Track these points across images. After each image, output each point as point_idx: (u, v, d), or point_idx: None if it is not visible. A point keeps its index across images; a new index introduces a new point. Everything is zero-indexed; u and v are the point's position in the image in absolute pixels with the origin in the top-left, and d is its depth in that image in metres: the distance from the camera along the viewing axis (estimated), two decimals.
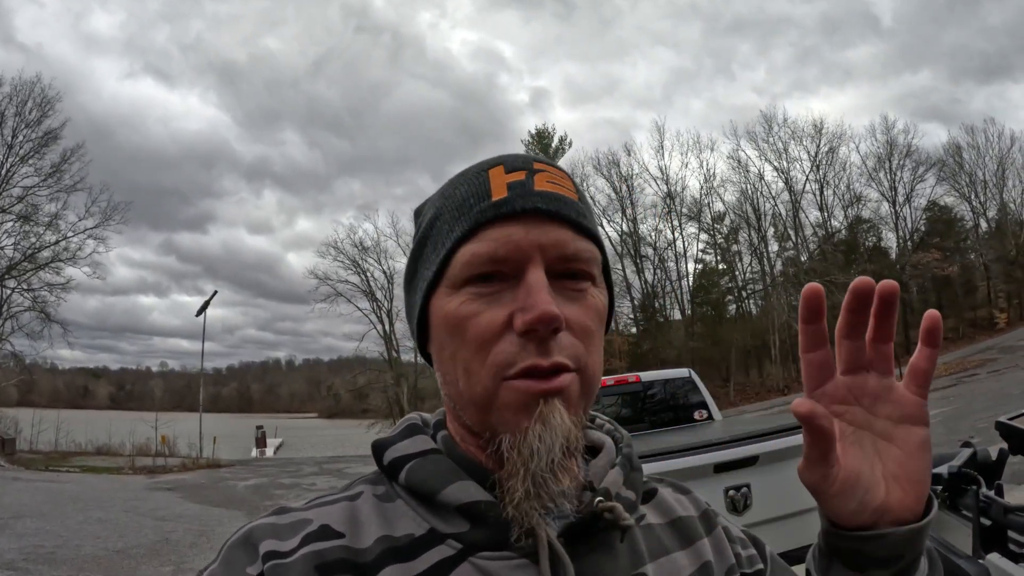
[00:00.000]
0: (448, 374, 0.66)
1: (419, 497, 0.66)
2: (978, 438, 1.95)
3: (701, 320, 48.17)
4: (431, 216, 0.69)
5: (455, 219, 0.65)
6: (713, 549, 0.76)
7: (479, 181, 0.66)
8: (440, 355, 0.67)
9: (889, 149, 45.60)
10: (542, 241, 0.62)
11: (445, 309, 0.64)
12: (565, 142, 49.95)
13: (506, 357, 0.60)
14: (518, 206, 0.63)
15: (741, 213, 47.39)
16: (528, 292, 0.60)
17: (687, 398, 6.42)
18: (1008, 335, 39.30)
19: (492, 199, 0.64)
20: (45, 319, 34.49)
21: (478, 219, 0.63)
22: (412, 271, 0.72)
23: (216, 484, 18.98)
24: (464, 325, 0.62)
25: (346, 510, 0.66)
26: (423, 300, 0.68)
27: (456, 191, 0.67)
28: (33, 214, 34.40)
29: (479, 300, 0.62)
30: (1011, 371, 23.58)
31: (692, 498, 0.82)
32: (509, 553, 0.62)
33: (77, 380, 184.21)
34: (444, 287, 0.65)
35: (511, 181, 0.64)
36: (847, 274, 42.34)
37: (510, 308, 0.61)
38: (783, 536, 3.67)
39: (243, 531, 0.64)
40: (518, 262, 0.62)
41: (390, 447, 0.70)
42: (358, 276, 46.18)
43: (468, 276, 0.63)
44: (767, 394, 41.16)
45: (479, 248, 0.62)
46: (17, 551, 9.06)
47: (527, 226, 0.63)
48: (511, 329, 0.61)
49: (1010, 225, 46.66)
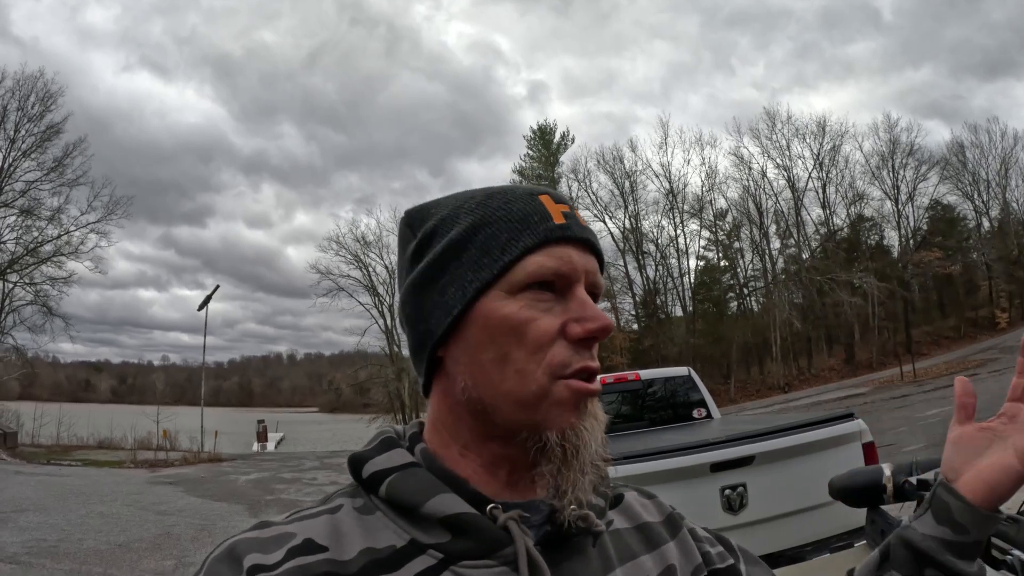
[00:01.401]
0: (489, 374, 0.68)
1: (400, 510, 0.68)
2: None
3: (702, 317, 48.14)
4: (472, 222, 0.71)
5: (518, 231, 0.69)
6: (679, 551, 0.81)
7: (536, 203, 0.72)
8: (479, 356, 0.69)
9: (892, 147, 45.60)
10: (588, 266, 0.71)
11: (503, 311, 0.68)
12: (567, 138, 49.95)
13: (563, 359, 0.67)
14: (577, 233, 0.71)
15: (743, 210, 47.42)
16: (583, 306, 0.69)
17: (686, 396, 6.44)
18: (1009, 335, 39.24)
19: (555, 221, 0.70)
20: (47, 313, 34.61)
21: (547, 235, 0.69)
22: (440, 271, 0.71)
23: (217, 478, 19.06)
24: (524, 328, 0.67)
25: (328, 523, 0.68)
26: (470, 300, 0.69)
27: (511, 207, 0.71)
28: (35, 208, 34.49)
29: (536, 307, 0.68)
30: (1012, 371, 22.92)
31: (656, 503, 0.87)
32: (489, 562, 0.65)
33: (79, 374, 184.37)
34: (500, 290, 0.68)
35: (564, 211, 0.72)
36: (849, 272, 42.36)
37: (562, 318, 0.68)
38: (778, 535, 3.71)
39: (226, 545, 0.65)
40: (571, 280, 0.69)
41: (368, 461, 0.72)
42: (360, 271, 46.29)
43: (529, 283, 0.68)
44: (767, 392, 41.20)
45: (546, 261, 0.68)
46: (20, 545, 9.11)
47: (579, 251, 0.71)
48: (562, 337, 0.67)
49: (1013, 225, 46.61)
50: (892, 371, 34.51)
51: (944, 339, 43.63)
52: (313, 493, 15.02)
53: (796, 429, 3.90)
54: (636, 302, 48.12)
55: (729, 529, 3.63)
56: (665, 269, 48.41)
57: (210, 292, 38.17)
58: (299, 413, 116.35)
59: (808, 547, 3.66)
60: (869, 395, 27.35)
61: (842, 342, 46.07)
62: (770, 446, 3.78)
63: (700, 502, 3.63)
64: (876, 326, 43.31)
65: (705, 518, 3.59)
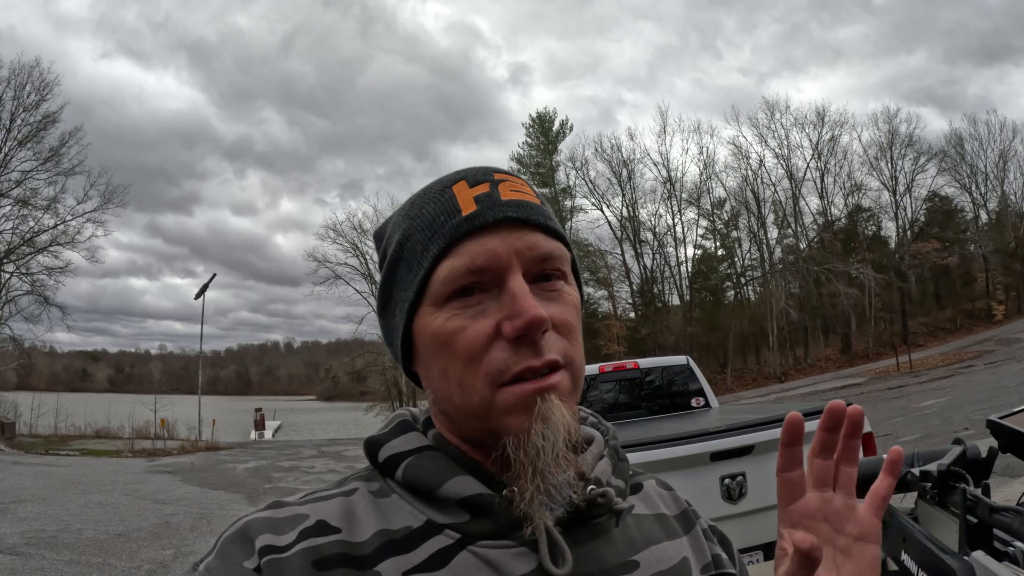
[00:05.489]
0: (440, 390, 0.68)
1: (417, 492, 0.67)
2: (972, 429, 1.99)
3: (699, 306, 48.22)
4: (399, 238, 0.70)
5: (428, 238, 0.66)
6: (691, 547, 0.78)
7: (445, 198, 0.68)
8: (429, 373, 0.69)
9: (891, 138, 45.68)
10: (517, 246, 0.65)
11: (431, 327, 0.66)
12: (566, 126, 49.85)
13: (499, 364, 0.63)
14: (489, 217, 0.65)
15: (741, 199, 47.42)
16: (513, 299, 0.63)
17: (685, 385, 6.45)
18: (1006, 327, 39.43)
19: (463, 214, 0.65)
20: (43, 303, 34.54)
21: (452, 235, 0.65)
22: (387, 295, 0.72)
23: (215, 467, 19.07)
24: (452, 340, 0.64)
25: (342, 505, 0.67)
26: (407, 321, 0.69)
27: (423, 211, 0.68)
28: (31, 198, 34.34)
29: (463, 314, 0.64)
30: (1008, 363, 23.68)
31: (673, 496, 0.86)
32: (508, 542, 0.64)
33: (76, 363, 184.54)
34: (427, 306, 0.66)
35: (477, 194, 0.67)
36: (846, 263, 42.42)
37: (496, 317, 0.63)
38: (775, 525, 3.73)
39: (239, 524, 0.65)
40: (498, 271, 0.64)
41: (384, 444, 0.72)
42: (357, 259, 46.23)
43: (450, 291, 0.65)
44: (764, 381, 41.32)
45: (457, 262, 0.64)
46: (19, 535, 9.12)
47: (501, 235, 0.65)
48: (499, 337, 0.63)
49: (1010, 217, 46.81)
50: (888, 361, 34.65)
51: (940, 330, 43.78)
52: (311, 481, 15.05)
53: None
54: (633, 290, 48.20)
55: (728, 518, 3.65)
56: (662, 258, 48.51)
57: (207, 281, 38.05)
58: (296, 401, 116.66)
59: None
60: (865, 385, 27.42)
61: (839, 332, 46.22)
62: (769, 435, 3.80)
63: (700, 491, 3.64)
64: (873, 316, 43.45)
65: (705, 507, 3.60)
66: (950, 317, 45.52)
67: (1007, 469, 6.80)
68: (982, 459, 1.79)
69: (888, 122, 45.97)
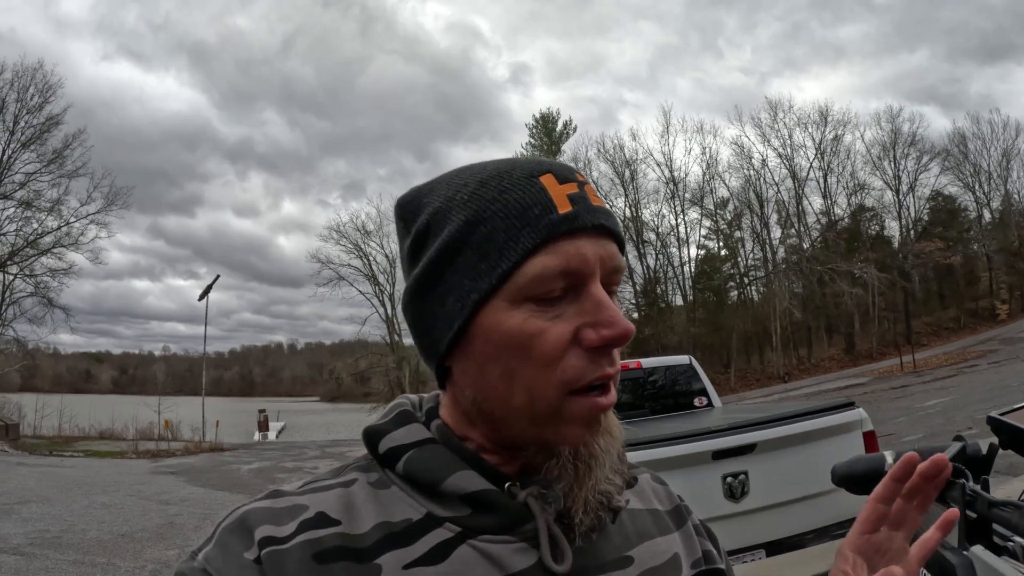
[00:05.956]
0: (495, 390, 0.63)
1: (417, 485, 0.66)
2: (976, 429, 1.99)
3: (703, 306, 48.20)
4: (466, 219, 0.63)
5: (516, 228, 0.61)
6: (682, 542, 0.79)
7: (535, 189, 0.63)
8: (484, 370, 0.63)
9: (894, 137, 45.72)
10: (602, 254, 0.63)
11: (505, 325, 0.61)
12: (569, 126, 49.94)
13: (575, 372, 0.61)
14: (587, 221, 0.62)
15: (744, 199, 47.39)
16: (600, 307, 0.61)
17: (688, 385, 6.45)
18: (1009, 327, 39.39)
19: (560, 212, 0.62)
20: (47, 304, 34.62)
21: (549, 232, 0.61)
22: (436, 278, 0.65)
23: (219, 468, 19.10)
24: (531, 343, 0.60)
25: (342, 497, 0.66)
26: (470, 314, 0.63)
27: (507, 197, 0.63)
28: (35, 200, 34.42)
29: (542, 316, 0.61)
30: (1011, 363, 23.63)
31: (667, 491, 0.86)
32: (509, 537, 0.64)
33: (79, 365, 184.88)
34: (501, 300, 0.61)
35: (570, 193, 0.63)
36: (850, 262, 42.34)
37: (574, 323, 0.61)
38: (780, 523, 3.73)
39: (238, 514, 0.64)
40: (583, 276, 0.62)
41: (385, 436, 0.70)
42: (360, 260, 46.29)
43: (538, 292, 0.61)
44: (767, 381, 41.29)
45: (551, 262, 0.60)
46: (23, 536, 9.14)
47: (591, 240, 0.62)
48: (574, 344, 0.61)
49: (1013, 216, 46.72)
50: (892, 361, 34.60)
51: (944, 330, 43.71)
52: None
53: (797, 417, 3.92)
54: (636, 291, 48.14)
55: (731, 517, 3.66)
56: (666, 258, 48.48)
57: (211, 282, 38.15)
58: (300, 402, 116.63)
59: (809, 535, 3.69)
60: (869, 385, 27.39)
61: (842, 332, 46.16)
62: (772, 434, 3.80)
63: (702, 489, 3.65)
64: (876, 316, 43.40)
65: (707, 506, 3.62)
66: (954, 317, 45.45)
67: (1011, 468, 6.79)
68: (982, 455, 1.79)
69: (891, 121, 46.06)
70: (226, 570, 0.60)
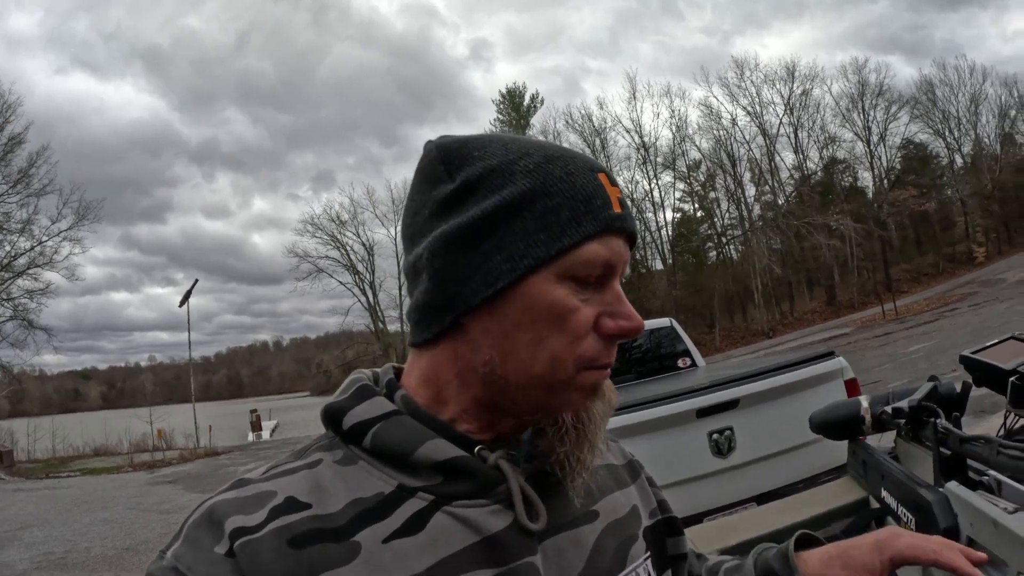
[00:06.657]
0: (516, 354, 0.66)
1: (385, 458, 0.67)
2: (959, 371, 2.04)
3: (683, 268, 48.36)
4: (530, 186, 0.65)
5: (581, 212, 0.66)
6: (639, 494, 0.87)
7: (596, 183, 0.68)
8: (515, 334, 0.65)
9: (861, 89, 45.85)
10: (625, 257, 0.70)
11: (552, 295, 0.65)
12: (536, 100, 49.67)
13: (593, 352, 0.67)
14: (630, 226, 0.70)
15: (716, 160, 47.44)
16: (620, 301, 0.68)
17: (671, 347, 6.51)
18: (987, 269, 39.69)
19: (615, 210, 0.68)
20: (28, 327, 34.13)
21: (607, 224, 0.66)
22: (485, 231, 0.66)
23: (216, 472, 19.07)
24: (569, 316, 0.65)
25: (309, 479, 0.66)
26: (520, 276, 0.65)
27: (574, 181, 0.66)
28: (5, 222, 33.81)
29: (576, 296, 0.66)
30: (991, 304, 23.83)
31: (619, 447, 0.93)
32: (483, 500, 0.67)
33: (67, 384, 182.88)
34: (551, 272, 0.65)
35: (619, 197, 0.70)
36: (825, 215, 42.59)
37: (596, 310, 0.67)
38: (767, 476, 3.79)
39: (204, 507, 0.63)
40: (612, 273, 0.68)
41: (348, 412, 0.70)
42: (338, 251, 46.01)
43: (584, 274, 0.66)
44: (752, 338, 41.57)
45: (602, 251, 0.66)
46: (28, 561, 9.11)
47: (624, 242, 0.69)
48: (594, 329, 0.67)
49: (985, 160, 47.01)
50: (874, 310, 34.86)
51: (923, 276, 44.03)
52: None
53: (778, 371, 3.96)
54: None
55: (720, 473, 3.72)
56: (642, 223, 48.46)
57: (190, 287, 37.66)
58: (291, 399, 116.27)
59: (800, 484, 3.73)
60: (852, 335, 27.66)
61: (823, 284, 46.51)
62: (754, 388, 3.84)
63: (689, 448, 3.70)
64: (855, 267, 43.66)
65: (695, 463, 3.68)
66: (932, 262, 45.83)
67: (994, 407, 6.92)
68: (957, 394, 1.83)
69: (857, 73, 46.09)
70: (197, 566, 0.58)
